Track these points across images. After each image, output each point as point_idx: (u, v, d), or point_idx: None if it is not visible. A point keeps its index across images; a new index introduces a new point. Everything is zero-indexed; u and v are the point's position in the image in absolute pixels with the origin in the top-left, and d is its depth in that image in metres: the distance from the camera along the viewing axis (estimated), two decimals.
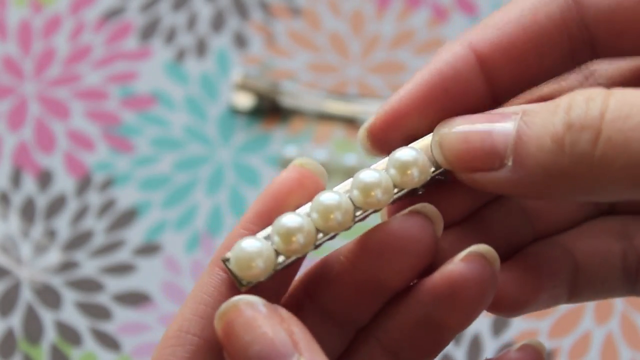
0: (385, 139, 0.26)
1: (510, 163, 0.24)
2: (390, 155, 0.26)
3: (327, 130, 0.53)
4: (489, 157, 0.25)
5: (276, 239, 0.25)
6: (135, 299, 0.48)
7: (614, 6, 0.25)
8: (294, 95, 0.53)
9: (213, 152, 0.52)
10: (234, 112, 0.53)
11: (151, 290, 0.48)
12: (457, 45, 0.26)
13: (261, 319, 0.24)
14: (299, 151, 0.51)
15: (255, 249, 0.25)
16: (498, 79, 0.26)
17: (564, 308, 0.48)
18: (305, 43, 0.55)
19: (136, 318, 0.47)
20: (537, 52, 0.26)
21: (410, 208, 0.26)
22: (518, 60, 0.26)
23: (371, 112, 0.52)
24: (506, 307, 0.27)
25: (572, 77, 0.28)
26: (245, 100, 0.53)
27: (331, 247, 0.27)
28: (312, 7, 0.56)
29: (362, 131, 0.27)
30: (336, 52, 0.55)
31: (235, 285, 0.25)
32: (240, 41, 0.55)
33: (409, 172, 0.25)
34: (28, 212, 0.50)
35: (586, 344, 0.47)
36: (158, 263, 0.49)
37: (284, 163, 0.51)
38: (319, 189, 0.26)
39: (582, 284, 0.28)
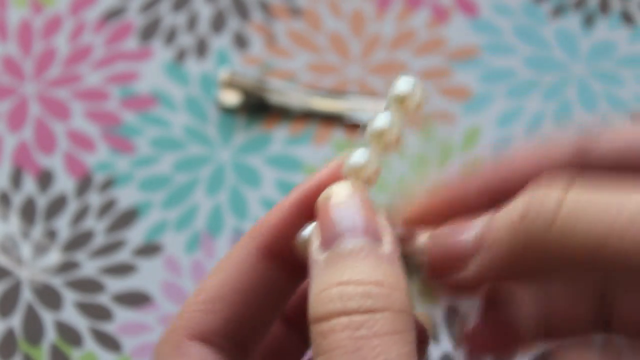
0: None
1: (478, 259, 0.27)
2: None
3: (327, 131, 0.53)
4: (456, 258, 0.27)
5: None
6: (135, 299, 0.48)
7: None
8: (280, 92, 0.53)
9: (213, 153, 0.52)
10: (222, 109, 0.53)
11: (151, 290, 0.48)
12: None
13: (361, 202, 0.27)
14: None
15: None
16: None
17: None
18: (305, 43, 0.55)
19: (136, 318, 0.47)
20: None
21: None
22: None
23: (358, 109, 0.52)
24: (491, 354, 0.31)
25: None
26: (232, 98, 0.53)
27: None
28: (312, 7, 0.56)
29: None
30: (336, 53, 0.55)
31: (262, 264, 0.28)
32: (241, 41, 0.55)
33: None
34: (28, 212, 0.50)
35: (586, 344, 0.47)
36: (158, 263, 0.49)
37: None
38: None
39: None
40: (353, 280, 0.25)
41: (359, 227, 0.26)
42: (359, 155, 0.28)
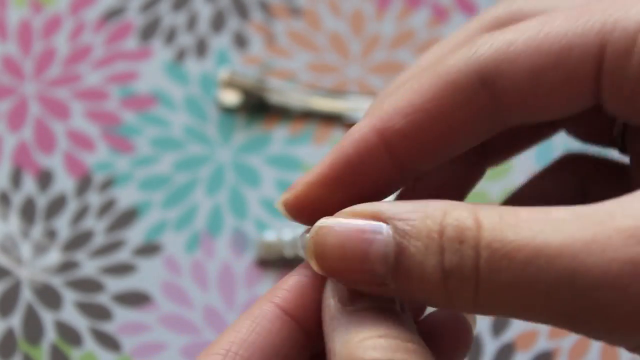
0: (298, 213, 0.28)
1: (392, 285, 0.25)
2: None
3: (327, 131, 0.53)
4: (369, 278, 0.25)
5: None
6: (135, 299, 0.48)
7: (525, 92, 0.25)
8: (280, 91, 0.53)
9: (213, 152, 0.52)
10: (222, 109, 0.53)
11: (151, 290, 0.48)
12: (364, 127, 0.27)
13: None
14: (277, 235, 0.49)
15: None
16: (404, 161, 0.27)
17: None
18: (305, 43, 0.55)
19: (136, 318, 0.47)
20: (444, 136, 0.26)
21: None
22: (425, 146, 0.26)
23: (358, 109, 0.52)
24: None
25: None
26: (232, 97, 0.53)
27: None
28: (312, 7, 0.56)
29: (279, 205, 0.28)
30: (336, 52, 0.55)
31: (283, 323, 0.27)
32: (240, 41, 0.55)
33: None
34: (28, 212, 0.50)
35: (586, 344, 0.47)
36: (158, 263, 0.49)
37: (262, 245, 0.49)
38: None
39: None
40: (390, 334, 0.25)
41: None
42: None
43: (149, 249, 0.49)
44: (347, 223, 0.25)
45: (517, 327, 0.47)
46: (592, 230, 0.22)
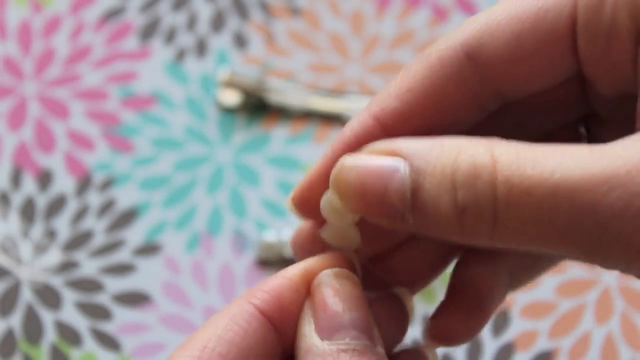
0: (307, 207, 0.28)
1: (410, 220, 0.25)
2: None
3: (326, 131, 0.53)
4: (389, 213, 0.26)
5: None
6: (135, 299, 0.48)
7: (508, 60, 0.26)
8: (280, 91, 0.53)
9: (213, 152, 0.52)
10: (221, 109, 0.53)
11: (151, 290, 0.48)
12: (363, 115, 0.27)
13: (357, 296, 0.27)
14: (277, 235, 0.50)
15: None
16: None
17: (564, 308, 0.48)
18: (305, 43, 0.55)
19: (136, 318, 0.47)
20: (438, 114, 0.27)
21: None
22: (418, 125, 0.27)
23: (358, 109, 0.52)
24: (458, 341, 0.30)
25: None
26: (231, 97, 0.53)
27: None
28: (312, 7, 0.56)
29: (288, 202, 0.29)
30: (336, 52, 0.55)
31: (259, 324, 0.27)
32: (240, 41, 0.55)
33: None
34: (28, 212, 0.50)
35: (586, 344, 0.47)
36: (158, 263, 0.49)
37: (262, 245, 0.49)
38: None
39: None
40: None
41: (359, 325, 0.26)
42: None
43: (148, 249, 0.49)
44: (368, 159, 0.26)
45: (517, 327, 0.47)
46: (611, 166, 0.22)
